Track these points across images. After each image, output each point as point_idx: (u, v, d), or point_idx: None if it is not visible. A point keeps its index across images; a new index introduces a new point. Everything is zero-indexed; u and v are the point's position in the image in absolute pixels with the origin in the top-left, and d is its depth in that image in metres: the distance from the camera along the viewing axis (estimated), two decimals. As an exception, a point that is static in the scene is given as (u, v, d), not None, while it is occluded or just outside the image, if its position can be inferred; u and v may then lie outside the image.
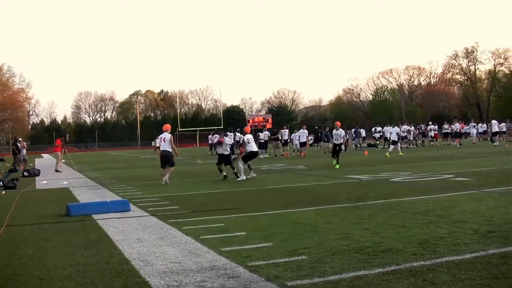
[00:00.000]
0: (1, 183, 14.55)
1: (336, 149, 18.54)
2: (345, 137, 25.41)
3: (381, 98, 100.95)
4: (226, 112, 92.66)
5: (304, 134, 32.33)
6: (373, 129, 41.42)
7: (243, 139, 15.70)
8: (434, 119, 56.99)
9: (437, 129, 39.31)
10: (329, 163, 18.63)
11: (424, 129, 38.61)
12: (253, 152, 15.68)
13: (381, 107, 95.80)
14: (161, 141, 14.96)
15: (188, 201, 10.53)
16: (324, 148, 32.91)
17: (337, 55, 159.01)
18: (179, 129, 70.44)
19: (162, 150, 14.90)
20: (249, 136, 15.71)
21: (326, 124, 72.13)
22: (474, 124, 40.07)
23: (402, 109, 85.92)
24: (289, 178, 15.22)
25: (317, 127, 43.06)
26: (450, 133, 37.14)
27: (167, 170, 14.65)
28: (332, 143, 18.61)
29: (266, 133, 32.78)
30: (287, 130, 31.73)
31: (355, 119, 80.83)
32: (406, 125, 36.26)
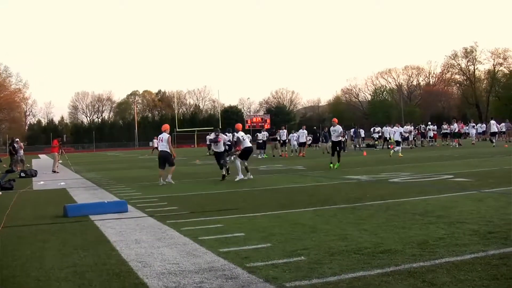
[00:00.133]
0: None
1: (336, 147, 18.05)
2: (344, 135, 25.11)
3: (380, 98, 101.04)
4: (224, 113, 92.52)
5: (303, 134, 32.33)
6: (372, 129, 41.43)
7: (236, 136, 15.61)
8: (433, 119, 56.99)
9: (436, 129, 39.33)
10: (328, 163, 18.57)
11: (424, 130, 38.59)
12: (247, 148, 15.57)
13: (380, 107, 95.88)
14: (160, 141, 14.98)
15: (187, 201, 10.51)
16: (323, 149, 32.92)
17: (335, 55, 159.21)
18: (177, 129, 70.37)
19: (160, 151, 14.92)
20: (241, 133, 15.62)
21: (324, 125, 72.03)
22: (473, 124, 40.09)
23: (401, 109, 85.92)
24: (288, 179, 15.20)
25: (315, 127, 43.09)
26: (449, 133, 37.15)
27: (167, 170, 14.63)
28: (330, 141, 18.41)
29: (265, 134, 32.76)
30: (285, 131, 31.67)
31: (353, 119, 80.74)
32: (408, 125, 36.27)
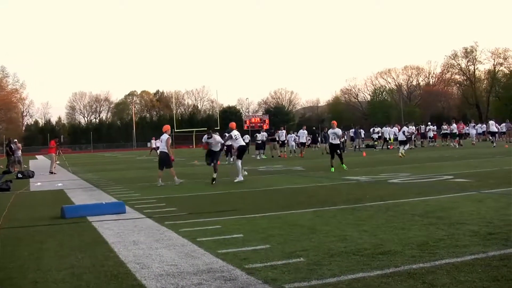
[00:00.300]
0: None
1: (335, 150, 17.64)
2: (344, 137, 25.10)
3: (380, 98, 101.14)
4: (222, 113, 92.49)
5: (303, 134, 32.31)
6: (372, 130, 41.41)
7: (230, 135, 15.52)
8: (433, 119, 56.97)
9: (436, 130, 39.30)
10: (327, 164, 18.53)
11: (424, 130, 38.53)
12: (241, 147, 15.44)
13: (380, 107, 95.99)
14: (160, 142, 15.02)
15: (185, 202, 10.49)
16: (322, 149, 32.90)
17: (334, 55, 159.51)
18: (175, 130, 70.46)
19: (160, 151, 14.94)
20: (235, 132, 15.53)
21: (324, 125, 72.03)
22: (474, 124, 40.05)
23: (401, 110, 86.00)
24: (287, 180, 15.17)
25: (314, 128, 43.06)
26: (449, 133, 37.14)
27: (170, 172, 14.58)
28: (329, 143, 18.28)
29: (264, 134, 32.77)
30: (284, 131, 31.67)
31: (353, 119, 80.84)
32: (411, 125, 36.21)
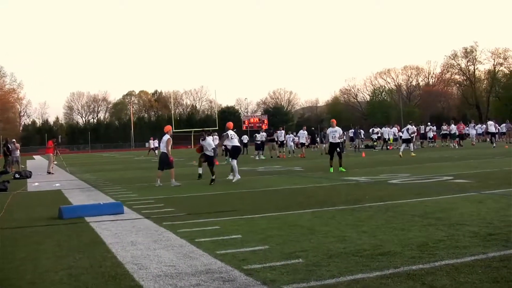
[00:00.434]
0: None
1: (335, 149, 17.33)
2: (343, 137, 25.03)
3: (379, 98, 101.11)
4: (221, 113, 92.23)
5: (303, 135, 32.31)
6: (371, 130, 41.39)
7: (227, 133, 15.52)
8: (433, 120, 56.97)
9: (435, 130, 39.28)
10: (326, 164, 18.49)
11: (424, 130, 38.48)
12: (234, 147, 15.43)
13: (379, 108, 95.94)
14: (161, 142, 15.04)
15: (183, 203, 10.46)
16: (321, 150, 32.88)
17: (334, 55, 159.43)
18: (174, 130, 70.33)
19: (161, 152, 14.96)
20: (231, 132, 15.52)
21: (323, 125, 72.05)
22: (474, 125, 40.03)
23: (400, 110, 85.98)
24: (286, 180, 15.15)
25: (313, 128, 43.02)
26: (448, 134, 37.14)
27: (170, 172, 14.55)
28: (328, 142, 18.22)
29: (263, 134, 32.77)
30: (283, 131, 31.67)
31: (352, 120, 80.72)
32: (413, 125, 36.15)
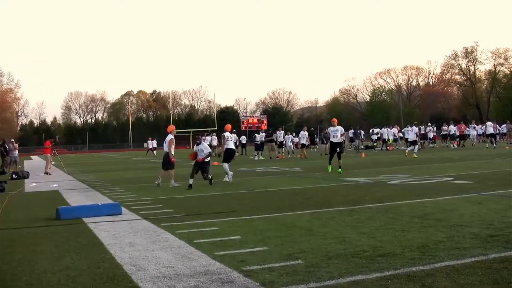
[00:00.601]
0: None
1: (336, 149, 17.16)
2: (343, 138, 24.98)
3: (379, 99, 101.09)
4: (220, 113, 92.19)
5: (304, 136, 32.30)
6: (371, 130, 41.38)
7: (224, 135, 15.50)
8: (433, 120, 56.93)
9: (435, 131, 39.25)
10: (325, 165, 18.46)
11: (424, 131, 38.41)
12: (229, 150, 15.36)
13: (379, 108, 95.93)
14: (165, 143, 15.01)
15: (182, 204, 10.42)
16: (321, 150, 32.86)
17: (333, 55, 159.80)
18: (172, 130, 70.24)
19: (165, 152, 14.92)
20: (228, 134, 15.49)
21: (322, 126, 72.07)
22: (474, 125, 39.99)
23: (400, 110, 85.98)
24: (285, 181, 15.13)
25: (312, 129, 42.99)
26: (448, 135, 37.12)
27: (169, 173, 14.53)
28: (329, 141, 18.17)
29: (263, 135, 32.76)
30: (282, 132, 31.67)
31: (352, 120, 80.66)
32: (414, 126, 36.10)
